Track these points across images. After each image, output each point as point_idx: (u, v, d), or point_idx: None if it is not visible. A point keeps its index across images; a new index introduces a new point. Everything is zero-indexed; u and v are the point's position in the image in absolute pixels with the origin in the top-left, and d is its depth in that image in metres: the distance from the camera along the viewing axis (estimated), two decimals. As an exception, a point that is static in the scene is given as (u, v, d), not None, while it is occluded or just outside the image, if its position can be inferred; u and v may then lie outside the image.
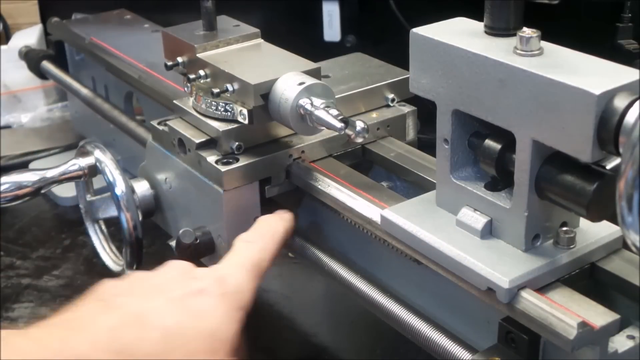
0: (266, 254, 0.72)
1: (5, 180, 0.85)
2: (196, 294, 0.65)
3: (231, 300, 0.66)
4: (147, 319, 0.62)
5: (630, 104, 0.52)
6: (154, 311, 0.63)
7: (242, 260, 0.70)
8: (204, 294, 0.65)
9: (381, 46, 1.26)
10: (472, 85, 0.60)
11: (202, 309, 0.64)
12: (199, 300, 0.65)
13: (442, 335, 0.67)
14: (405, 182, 0.82)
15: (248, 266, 0.69)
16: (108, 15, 1.32)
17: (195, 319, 0.63)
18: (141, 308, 0.63)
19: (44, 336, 0.58)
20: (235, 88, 0.78)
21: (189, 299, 0.65)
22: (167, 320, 0.62)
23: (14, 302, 1.01)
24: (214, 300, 0.65)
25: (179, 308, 0.63)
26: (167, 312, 0.63)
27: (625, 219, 0.49)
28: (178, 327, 0.62)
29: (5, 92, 1.44)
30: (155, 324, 0.61)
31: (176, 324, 0.62)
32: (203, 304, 0.65)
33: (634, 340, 0.59)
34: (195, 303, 0.64)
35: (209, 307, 0.64)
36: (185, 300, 0.64)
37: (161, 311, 0.63)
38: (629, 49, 1.05)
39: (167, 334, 0.61)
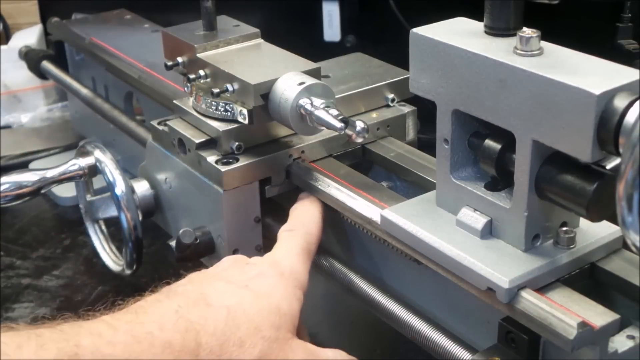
0: (311, 237, 0.73)
1: (5, 180, 0.85)
2: (254, 277, 0.67)
3: (289, 280, 0.68)
4: (210, 299, 0.63)
5: (630, 104, 0.52)
6: (215, 293, 0.64)
7: (291, 246, 0.72)
8: (262, 276, 0.67)
9: (381, 46, 1.26)
10: (472, 85, 0.60)
11: (263, 289, 0.65)
12: (258, 282, 0.66)
13: (442, 335, 0.68)
14: (405, 182, 0.82)
15: (297, 250, 0.71)
16: (108, 15, 1.32)
17: (257, 298, 0.64)
18: (203, 291, 0.64)
19: (113, 321, 0.59)
20: (235, 88, 0.78)
21: (249, 281, 0.66)
22: (229, 299, 0.63)
23: (14, 302, 1.01)
24: (273, 280, 0.67)
25: (239, 289, 0.65)
26: (228, 292, 0.64)
27: (625, 219, 0.49)
28: (240, 304, 0.63)
29: (5, 92, 1.44)
30: (218, 303, 0.63)
31: (238, 302, 0.63)
32: (263, 284, 0.66)
33: (634, 340, 0.59)
34: (255, 284, 0.66)
35: (269, 287, 0.66)
36: (245, 282, 0.66)
37: (222, 292, 0.64)
38: (629, 49, 1.04)
39: (231, 310, 0.62)
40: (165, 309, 0.61)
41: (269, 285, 0.66)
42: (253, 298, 0.64)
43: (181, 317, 0.60)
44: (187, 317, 0.60)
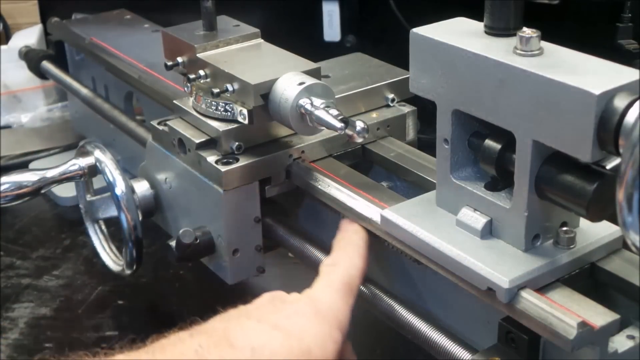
0: (355, 271, 0.69)
1: (5, 180, 0.85)
2: (289, 316, 0.63)
3: (326, 319, 0.64)
4: (235, 339, 0.59)
5: (630, 104, 0.52)
6: (243, 332, 0.60)
7: (332, 281, 0.68)
8: (297, 315, 0.63)
9: (381, 46, 1.26)
10: (472, 85, 0.60)
11: (296, 329, 0.62)
12: (292, 321, 0.62)
13: (442, 335, 0.67)
14: (405, 182, 0.82)
15: (338, 286, 0.67)
16: (108, 15, 1.32)
17: (287, 338, 0.61)
18: (230, 330, 0.61)
19: (129, 359, 0.57)
20: (235, 88, 0.78)
21: (282, 320, 0.62)
22: (257, 340, 0.60)
23: (14, 302, 1.01)
24: (307, 319, 0.63)
25: (270, 329, 0.61)
26: (257, 332, 0.61)
27: (625, 219, 0.49)
28: (268, 345, 0.60)
29: (5, 92, 1.44)
30: (243, 343, 0.59)
31: (266, 343, 0.60)
32: (296, 324, 0.62)
33: (634, 340, 0.59)
34: (288, 324, 0.62)
35: (303, 327, 0.62)
36: (277, 321, 0.62)
37: (251, 332, 0.61)
38: (629, 49, 1.04)
39: (256, 352, 0.59)
40: (186, 349, 0.59)
41: (302, 325, 0.62)
42: (283, 339, 0.60)
43: (200, 358, 0.58)
44: (205, 358, 0.58)
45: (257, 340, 0.60)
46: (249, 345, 0.59)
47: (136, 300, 1.00)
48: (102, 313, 0.98)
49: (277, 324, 0.62)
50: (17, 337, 0.95)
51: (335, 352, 0.62)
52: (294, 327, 0.62)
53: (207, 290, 0.79)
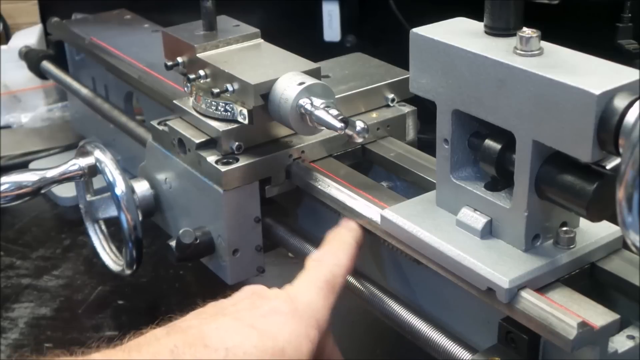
0: (339, 269, 0.69)
1: (5, 180, 0.85)
2: (265, 314, 0.63)
3: (303, 318, 0.63)
4: (210, 339, 0.59)
5: (630, 104, 0.52)
6: (217, 331, 0.60)
7: (314, 278, 0.67)
8: (274, 313, 0.63)
9: (381, 46, 1.26)
10: (472, 85, 0.60)
11: (271, 328, 0.61)
12: (268, 320, 0.62)
13: (442, 335, 0.68)
14: (405, 182, 0.82)
15: (320, 284, 0.67)
16: (108, 15, 1.32)
17: (261, 338, 0.60)
18: (205, 329, 0.60)
19: (105, 358, 0.57)
20: (235, 88, 0.78)
21: (257, 319, 0.62)
22: (230, 340, 0.59)
23: (14, 302, 1.01)
24: (284, 318, 0.62)
25: (245, 328, 0.61)
26: (231, 332, 0.60)
27: (625, 219, 0.49)
28: (242, 346, 0.59)
29: (5, 92, 1.44)
30: (217, 343, 0.59)
31: (240, 343, 0.59)
32: (272, 323, 0.62)
33: (634, 340, 0.59)
34: (263, 322, 0.62)
35: (278, 326, 0.62)
36: (252, 320, 0.62)
37: (225, 331, 0.60)
38: (629, 49, 1.04)
39: (230, 352, 0.58)
40: (161, 348, 0.58)
41: (278, 323, 0.62)
42: (257, 338, 0.60)
43: (175, 358, 0.57)
44: (180, 358, 0.57)
45: (231, 341, 0.59)
46: (222, 346, 0.59)
47: (136, 300, 1.00)
48: (102, 313, 0.98)
49: (252, 323, 0.61)
50: (17, 337, 0.95)
51: (310, 352, 0.62)
52: (269, 326, 0.62)
53: (207, 290, 0.79)
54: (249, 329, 0.61)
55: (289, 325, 0.62)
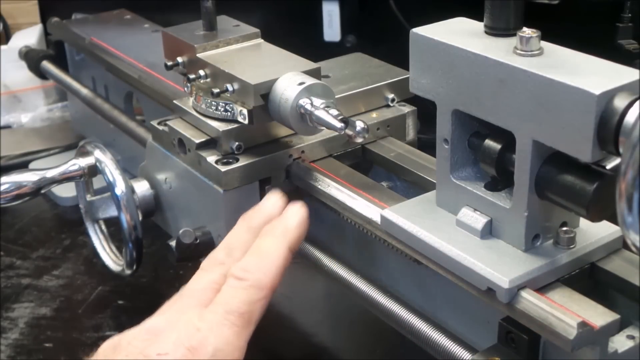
0: (259, 293, 0.62)
1: (5, 180, 0.85)
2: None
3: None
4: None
5: (630, 104, 0.52)
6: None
7: (228, 311, 0.60)
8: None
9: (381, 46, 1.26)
10: (472, 85, 0.60)
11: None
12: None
13: (442, 335, 0.68)
14: (405, 182, 0.82)
15: (233, 318, 0.59)
16: (108, 15, 1.32)
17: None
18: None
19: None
20: (235, 88, 0.78)
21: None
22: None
23: (14, 302, 1.01)
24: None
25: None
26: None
27: (625, 219, 0.49)
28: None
29: (5, 92, 1.44)
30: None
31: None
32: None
33: (634, 340, 0.59)
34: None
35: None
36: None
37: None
38: (629, 49, 1.04)
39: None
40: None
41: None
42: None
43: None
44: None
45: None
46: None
47: (136, 300, 1.00)
48: (102, 313, 0.98)
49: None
50: (17, 337, 0.95)
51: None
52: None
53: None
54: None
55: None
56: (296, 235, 0.67)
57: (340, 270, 0.77)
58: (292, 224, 0.67)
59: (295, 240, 0.67)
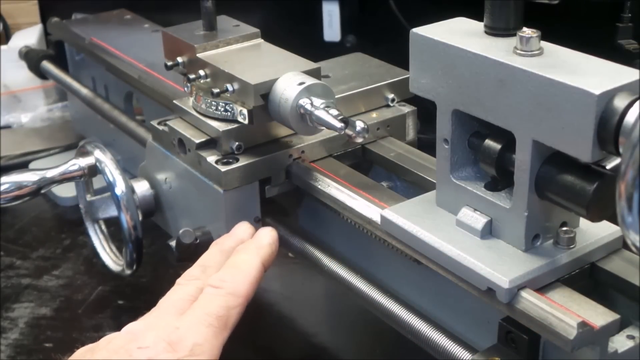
0: (235, 300, 0.64)
1: (5, 180, 0.85)
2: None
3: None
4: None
5: (630, 104, 0.52)
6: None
7: (205, 313, 0.63)
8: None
9: (381, 46, 1.26)
10: (472, 85, 0.60)
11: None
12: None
13: (442, 335, 0.67)
14: (405, 182, 0.82)
15: (211, 320, 0.62)
16: (108, 15, 1.32)
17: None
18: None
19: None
20: (235, 88, 0.78)
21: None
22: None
23: (14, 302, 1.01)
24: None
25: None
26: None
27: (625, 219, 0.49)
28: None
29: (5, 92, 1.44)
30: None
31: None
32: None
33: (634, 340, 0.59)
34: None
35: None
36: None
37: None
38: (629, 49, 1.04)
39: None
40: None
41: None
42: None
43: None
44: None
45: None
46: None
47: (136, 300, 1.00)
48: (102, 313, 0.98)
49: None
50: (17, 337, 0.95)
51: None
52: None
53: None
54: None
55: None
56: (269, 251, 0.72)
57: (340, 270, 0.77)
58: (265, 242, 0.73)
59: (268, 256, 0.71)
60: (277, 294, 1.00)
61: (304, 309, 1.00)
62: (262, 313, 0.96)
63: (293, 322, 0.97)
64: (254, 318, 0.68)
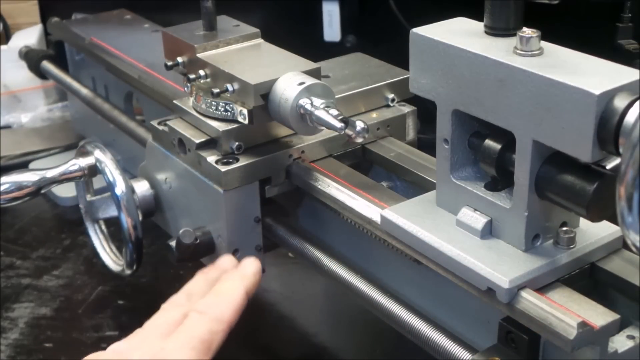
0: (219, 325, 0.67)
1: (5, 180, 0.85)
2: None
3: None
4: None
5: (630, 104, 0.52)
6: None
7: (190, 337, 0.65)
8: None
9: (381, 46, 1.26)
10: (472, 85, 0.60)
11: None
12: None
13: (442, 335, 0.67)
14: (405, 182, 0.82)
15: (195, 343, 0.64)
16: (108, 15, 1.32)
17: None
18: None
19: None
20: (235, 88, 0.78)
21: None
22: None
23: (14, 302, 1.01)
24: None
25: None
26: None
27: (625, 219, 0.49)
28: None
29: (5, 92, 1.44)
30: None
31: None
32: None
33: (634, 340, 0.59)
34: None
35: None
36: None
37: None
38: (629, 49, 1.04)
39: None
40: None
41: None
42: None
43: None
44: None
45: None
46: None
47: (136, 300, 1.00)
48: (102, 313, 0.98)
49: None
50: (17, 337, 0.95)
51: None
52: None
53: (207, 290, 0.80)
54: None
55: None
56: (253, 281, 0.73)
57: (340, 270, 0.77)
58: (249, 271, 0.74)
59: (252, 285, 0.73)
60: (277, 294, 1.00)
61: (304, 308, 1.00)
62: (262, 313, 0.96)
63: (293, 322, 0.97)
64: (254, 318, 0.68)
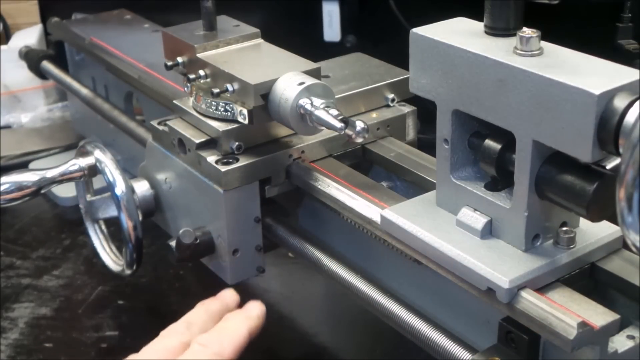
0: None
1: (5, 180, 0.85)
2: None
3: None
4: None
5: (630, 104, 0.52)
6: None
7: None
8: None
9: (381, 46, 1.26)
10: (472, 85, 0.60)
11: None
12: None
13: (442, 335, 0.67)
14: (405, 182, 0.82)
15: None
16: (108, 15, 1.32)
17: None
18: None
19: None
20: (235, 88, 0.78)
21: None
22: None
23: (14, 302, 1.01)
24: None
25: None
26: None
27: (625, 219, 0.49)
28: None
29: (5, 92, 1.43)
30: None
31: None
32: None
33: (634, 340, 0.59)
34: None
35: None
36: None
37: None
38: (629, 49, 1.04)
39: None
40: None
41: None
42: None
43: None
44: None
45: None
46: None
47: (136, 300, 1.00)
48: (102, 313, 0.98)
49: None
50: (17, 337, 0.95)
51: None
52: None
53: (207, 290, 0.79)
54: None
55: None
56: (256, 323, 0.74)
57: (340, 270, 0.77)
58: (254, 313, 0.75)
59: (255, 327, 0.74)
60: (277, 294, 1.00)
61: (304, 309, 1.00)
62: (262, 313, 0.96)
63: (293, 322, 0.97)
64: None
